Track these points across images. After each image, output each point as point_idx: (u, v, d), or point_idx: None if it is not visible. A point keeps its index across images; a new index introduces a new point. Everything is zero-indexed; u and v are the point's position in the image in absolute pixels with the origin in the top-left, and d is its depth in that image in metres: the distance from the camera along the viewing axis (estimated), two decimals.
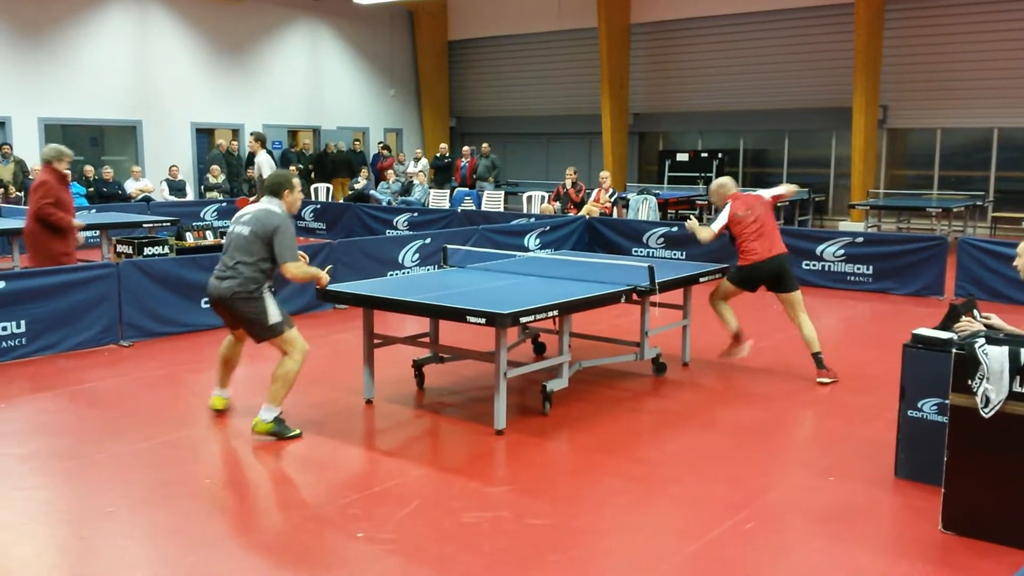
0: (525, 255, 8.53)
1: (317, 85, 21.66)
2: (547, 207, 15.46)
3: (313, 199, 17.91)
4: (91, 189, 15.94)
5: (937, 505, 4.08)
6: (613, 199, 14.77)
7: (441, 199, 18.13)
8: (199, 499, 4.46)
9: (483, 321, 5.05)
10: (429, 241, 10.82)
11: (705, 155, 19.37)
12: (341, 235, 14.23)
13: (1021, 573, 2.31)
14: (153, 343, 7.81)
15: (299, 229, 5.10)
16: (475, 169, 18.69)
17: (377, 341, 6.05)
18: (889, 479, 4.67)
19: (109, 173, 16.51)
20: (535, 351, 7.36)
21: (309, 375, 5.64)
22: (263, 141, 11.48)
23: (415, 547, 3.91)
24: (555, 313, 5.50)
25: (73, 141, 17.89)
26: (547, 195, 16.34)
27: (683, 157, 19.69)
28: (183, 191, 17.68)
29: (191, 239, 10.83)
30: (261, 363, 6.37)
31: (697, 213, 15.33)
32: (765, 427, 5.66)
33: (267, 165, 10.89)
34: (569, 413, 5.83)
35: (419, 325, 6.78)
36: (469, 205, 16.94)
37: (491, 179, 18.51)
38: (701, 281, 6.88)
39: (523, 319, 5.23)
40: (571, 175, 15.28)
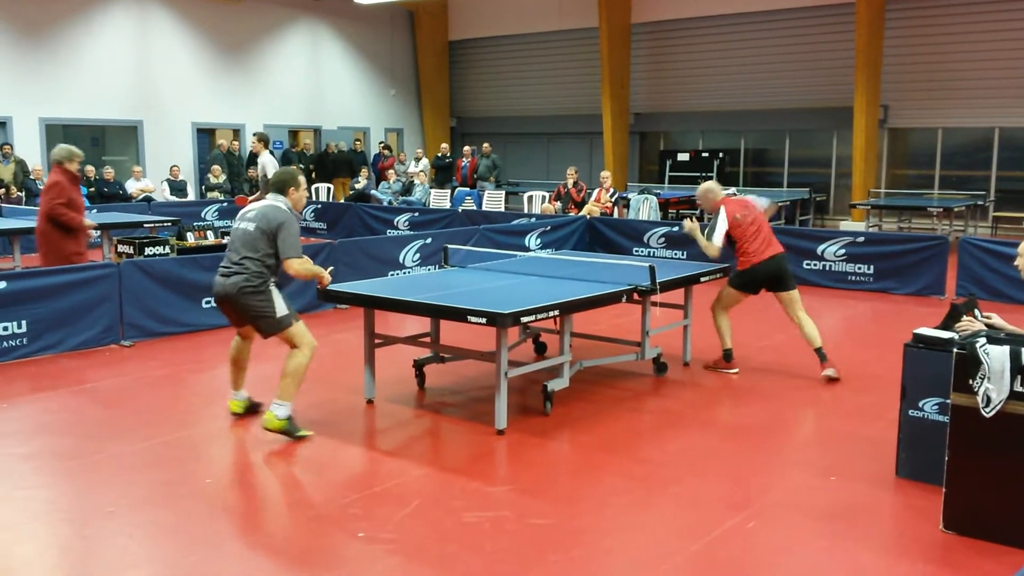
0: (526, 255, 8.53)
1: (318, 85, 21.68)
2: (548, 207, 15.45)
3: (314, 199, 17.91)
4: (92, 189, 15.95)
5: (938, 505, 4.08)
6: (614, 199, 14.78)
7: (442, 199, 18.13)
8: (200, 499, 4.46)
9: (484, 321, 5.05)
10: (430, 241, 10.83)
11: (706, 155, 19.38)
12: (342, 235, 14.25)
13: (1022, 573, 2.31)
14: (154, 343, 7.82)
15: (300, 229, 5.08)
16: (476, 169, 18.69)
17: (378, 341, 6.06)
18: (890, 478, 4.67)
19: (110, 173, 16.52)
20: (536, 351, 7.36)
21: (310, 375, 5.64)
22: (266, 141, 11.47)
23: (416, 547, 3.91)
24: (556, 313, 5.50)
25: (74, 141, 17.81)
26: (548, 195, 16.33)
27: (684, 157, 19.69)
28: (184, 191, 17.70)
29: (192, 239, 10.84)
30: (265, 362, 6.37)
31: (698, 213, 15.31)
32: (766, 427, 5.66)
33: (271, 165, 10.88)
34: (570, 413, 5.83)
35: (420, 325, 6.78)
36: (470, 205, 16.95)
37: (492, 179, 18.52)
38: (702, 281, 6.88)
39: (524, 319, 5.23)
40: (572, 175, 15.28)
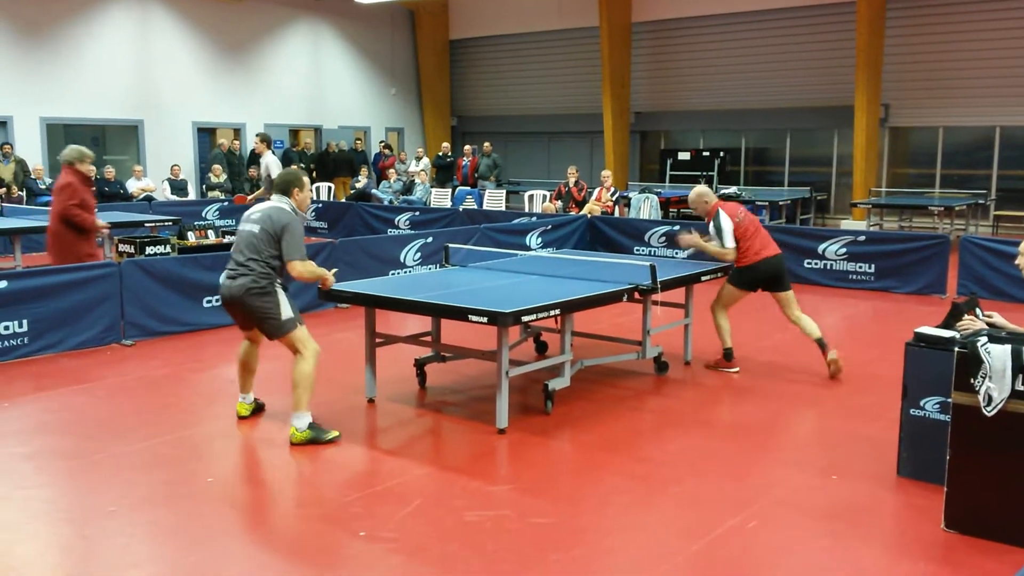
0: (527, 254, 8.53)
1: (318, 84, 21.68)
2: (549, 206, 15.44)
3: (315, 198, 17.91)
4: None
5: (939, 504, 4.08)
6: (615, 198, 14.77)
7: (443, 198, 18.13)
8: (201, 498, 4.46)
9: (485, 320, 5.05)
10: (431, 240, 10.83)
11: (707, 154, 19.37)
12: (343, 234, 14.25)
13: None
14: (155, 342, 7.82)
15: (304, 229, 5.12)
16: (477, 168, 18.69)
17: (379, 340, 6.06)
18: (891, 478, 4.67)
19: (111, 172, 16.52)
20: (537, 350, 7.36)
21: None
22: (268, 142, 11.45)
23: (417, 546, 3.91)
24: (557, 312, 5.50)
25: (75, 141, 17.84)
26: (549, 194, 16.32)
27: (685, 156, 19.68)
28: (185, 190, 17.71)
29: (193, 238, 10.84)
30: (267, 362, 6.36)
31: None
32: (767, 426, 5.66)
33: (275, 165, 10.87)
34: (571, 412, 5.83)
35: (421, 324, 6.78)
36: (471, 204, 16.95)
37: (493, 178, 18.52)
38: (703, 280, 6.88)
39: (525, 318, 5.23)
40: (573, 174, 15.28)
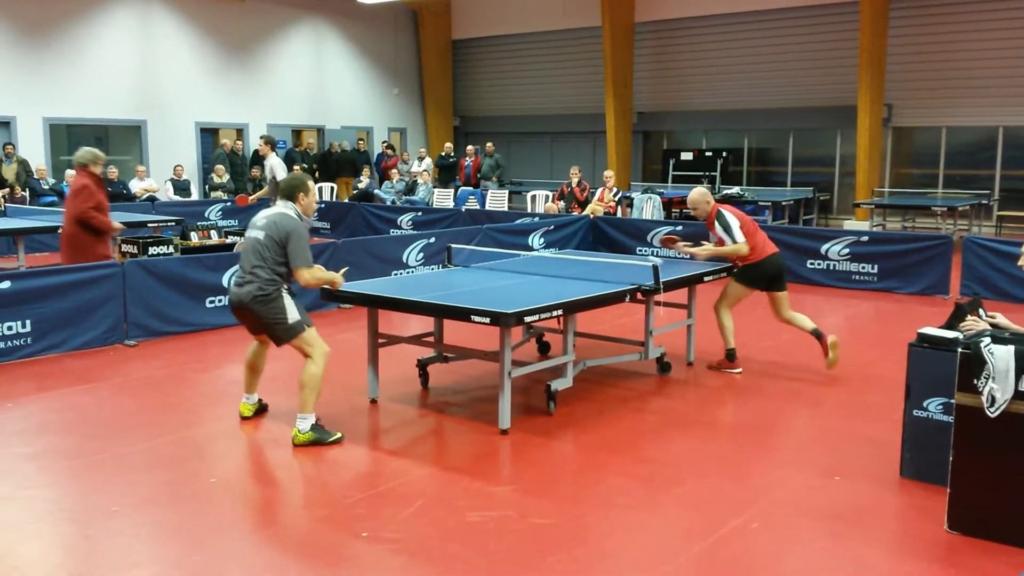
0: (529, 254, 8.52)
1: (321, 85, 21.69)
2: (551, 206, 15.44)
3: (317, 199, 17.92)
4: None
5: (942, 505, 4.07)
6: (617, 198, 14.76)
7: (445, 198, 18.13)
8: (204, 498, 4.47)
9: (487, 320, 5.05)
10: (433, 240, 10.83)
11: (709, 154, 19.37)
12: (345, 234, 14.25)
13: None
14: (158, 342, 7.83)
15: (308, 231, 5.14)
16: (479, 168, 18.69)
17: (381, 340, 6.06)
18: (894, 479, 4.67)
19: (114, 173, 16.54)
20: (539, 350, 7.36)
21: None
22: (272, 144, 11.46)
23: (419, 546, 3.92)
24: (559, 312, 5.50)
25: (78, 141, 17.94)
26: (551, 194, 16.33)
27: (687, 156, 19.68)
28: (187, 191, 17.74)
29: (196, 239, 10.86)
30: (271, 362, 6.36)
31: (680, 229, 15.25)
32: (769, 427, 5.66)
33: (280, 167, 10.88)
34: (573, 413, 5.82)
35: (423, 324, 6.78)
36: (473, 204, 16.95)
37: (495, 178, 18.52)
38: (706, 280, 6.87)
39: (527, 318, 5.23)
40: (575, 174, 15.28)
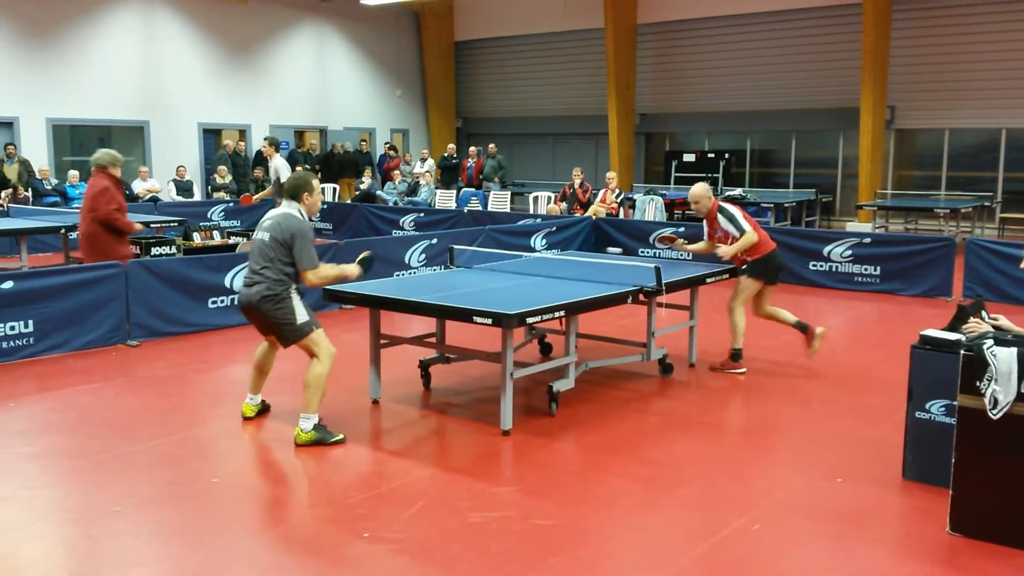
0: (531, 255, 8.52)
1: (324, 86, 21.71)
2: (553, 207, 15.45)
3: (319, 208, 17.91)
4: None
5: (945, 507, 4.07)
6: (619, 199, 14.77)
7: (447, 199, 18.13)
8: (206, 498, 4.47)
9: (489, 321, 5.05)
10: (435, 241, 10.83)
11: (712, 155, 19.37)
12: (347, 235, 14.26)
13: None
14: (160, 343, 7.84)
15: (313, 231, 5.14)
16: (481, 169, 18.69)
17: (384, 341, 6.06)
18: (897, 480, 4.66)
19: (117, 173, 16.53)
20: (541, 352, 7.36)
21: None
22: (276, 145, 11.49)
23: (421, 547, 3.92)
24: (561, 314, 5.50)
25: (81, 141, 17.99)
26: (553, 196, 16.33)
27: (690, 157, 19.68)
28: (190, 191, 17.75)
29: (198, 239, 10.87)
30: (278, 362, 6.36)
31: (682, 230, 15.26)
32: (771, 428, 5.65)
33: (284, 168, 10.90)
34: (575, 414, 5.82)
35: (425, 325, 6.78)
36: (475, 205, 16.95)
37: (497, 179, 18.52)
38: (708, 282, 6.87)
39: (529, 319, 5.23)
40: (577, 175, 15.29)
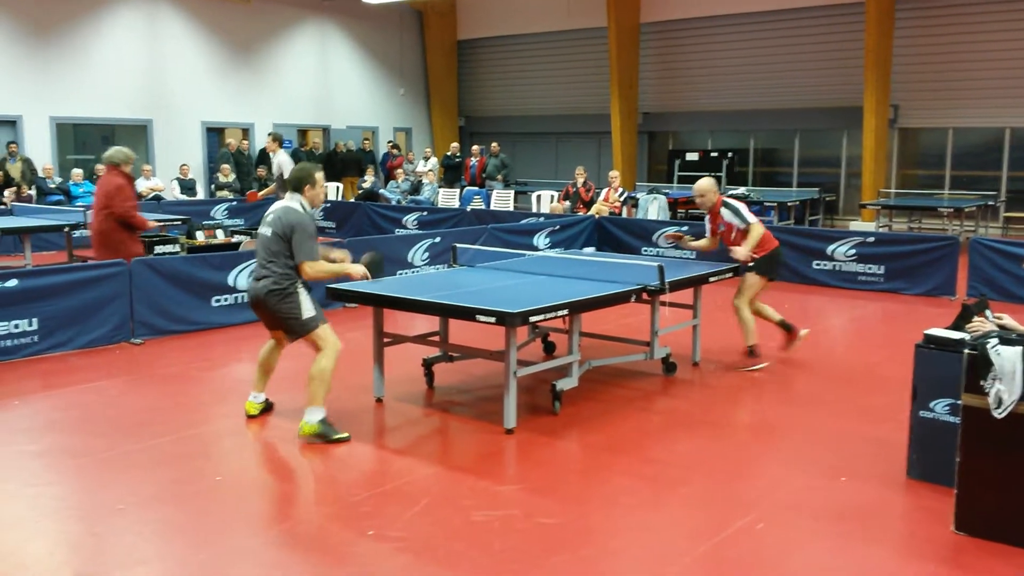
0: (534, 254, 8.52)
1: (326, 84, 21.71)
2: (556, 206, 15.44)
3: (325, 189, 17.92)
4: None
5: (949, 506, 4.06)
6: (622, 198, 14.76)
7: (450, 198, 18.14)
8: (209, 496, 4.48)
9: (493, 320, 5.05)
10: (439, 240, 10.83)
11: (715, 154, 19.34)
12: (351, 234, 14.27)
13: None
14: (164, 341, 7.84)
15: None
16: (484, 168, 18.69)
17: (387, 340, 6.06)
18: (901, 480, 4.65)
19: None
20: (545, 350, 7.35)
21: None
22: (280, 140, 11.53)
23: (425, 545, 3.92)
24: (565, 312, 5.49)
25: (84, 140, 18.01)
26: (556, 194, 16.32)
27: (693, 156, 19.65)
28: (193, 190, 17.77)
29: (201, 237, 10.88)
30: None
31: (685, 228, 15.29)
32: (775, 427, 5.65)
33: (287, 164, 10.95)
34: (579, 412, 5.82)
35: (429, 324, 6.79)
36: (478, 204, 16.96)
37: (500, 178, 18.52)
38: (711, 281, 6.87)
39: (533, 318, 5.23)
40: (580, 174, 15.28)
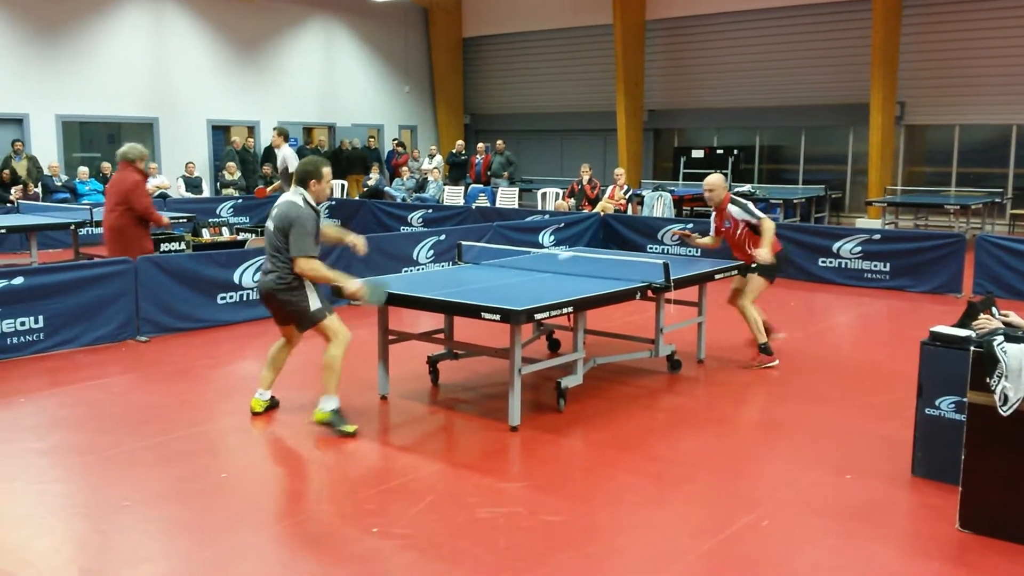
0: (539, 252, 8.52)
1: (332, 82, 21.72)
2: (562, 204, 15.44)
3: (331, 184, 17.93)
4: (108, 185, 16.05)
5: (954, 503, 4.05)
6: (628, 196, 14.75)
7: (455, 196, 18.14)
8: (215, 494, 4.49)
9: (498, 318, 5.05)
10: (444, 238, 10.84)
11: (721, 152, 19.31)
12: (356, 231, 14.18)
13: None
14: (170, 338, 7.86)
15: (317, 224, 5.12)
16: (490, 166, 18.68)
17: (392, 337, 6.07)
18: (906, 477, 4.65)
19: None
20: (549, 348, 7.35)
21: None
22: (286, 135, 11.59)
23: (429, 542, 3.92)
24: (570, 310, 5.49)
25: (90, 138, 18.05)
26: (562, 192, 16.32)
27: (698, 154, 19.62)
28: (199, 188, 17.80)
29: (207, 235, 10.91)
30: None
31: (690, 226, 15.29)
32: (780, 424, 5.64)
33: (292, 158, 11.01)
34: (584, 410, 5.82)
35: (434, 321, 6.79)
36: (484, 202, 16.95)
37: (506, 176, 18.52)
38: (716, 278, 6.86)
39: (538, 316, 5.23)
40: (586, 172, 15.26)
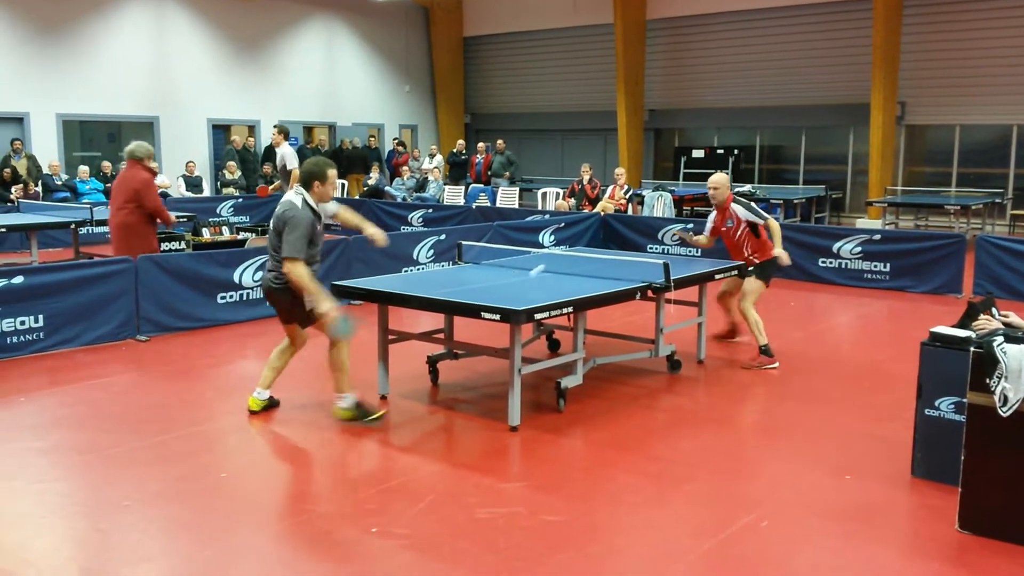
0: (540, 251, 8.52)
1: (332, 81, 21.71)
2: (562, 203, 15.44)
3: (336, 186, 17.93)
4: (109, 185, 16.06)
5: (954, 504, 4.05)
6: (628, 196, 14.74)
7: (456, 195, 18.13)
8: (215, 493, 4.49)
9: (498, 317, 5.05)
10: (444, 237, 10.83)
11: (721, 152, 19.31)
12: (356, 231, 14.25)
13: None
14: (170, 338, 7.86)
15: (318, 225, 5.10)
16: (490, 165, 18.68)
17: (392, 337, 6.07)
18: (906, 478, 4.65)
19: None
20: (549, 348, 7.35)
21: (324, 371, 5.66)
22: (286, 133, 11.59)
23: (429, 542, 3.92)
24: (570, 310, 5.49)
25: (91, 137, 18.06)
26: (562, 192, 16.31)
27: (699, 154, 19.62)
28: (199, 187, 17.80)
29: (207, 235, 10.91)
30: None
31: (691, 227, 15.29)
32: (780, 425, 5.64)
33: (291, 156, 11.01)
34: (583, 410, 5.82)
35: (434, 321, 6.79)
36: (484, 201, 16.95)
37: (506, 175, 18.51)
38: (717, 278, 6.86)
39: (538, 315, 5.23)
40: (586, 171, 15.25)
